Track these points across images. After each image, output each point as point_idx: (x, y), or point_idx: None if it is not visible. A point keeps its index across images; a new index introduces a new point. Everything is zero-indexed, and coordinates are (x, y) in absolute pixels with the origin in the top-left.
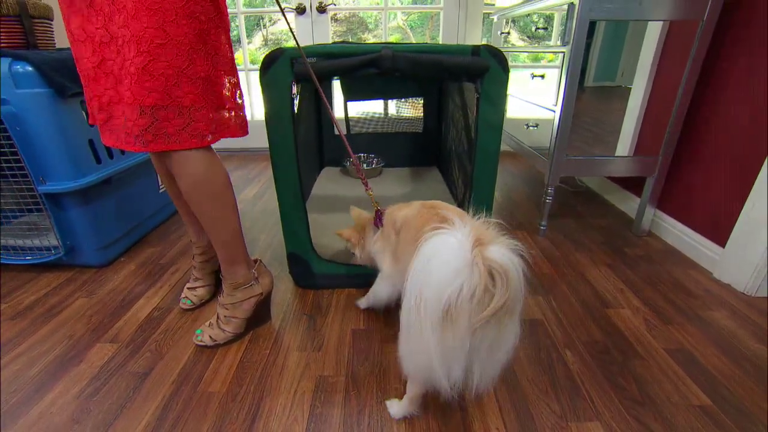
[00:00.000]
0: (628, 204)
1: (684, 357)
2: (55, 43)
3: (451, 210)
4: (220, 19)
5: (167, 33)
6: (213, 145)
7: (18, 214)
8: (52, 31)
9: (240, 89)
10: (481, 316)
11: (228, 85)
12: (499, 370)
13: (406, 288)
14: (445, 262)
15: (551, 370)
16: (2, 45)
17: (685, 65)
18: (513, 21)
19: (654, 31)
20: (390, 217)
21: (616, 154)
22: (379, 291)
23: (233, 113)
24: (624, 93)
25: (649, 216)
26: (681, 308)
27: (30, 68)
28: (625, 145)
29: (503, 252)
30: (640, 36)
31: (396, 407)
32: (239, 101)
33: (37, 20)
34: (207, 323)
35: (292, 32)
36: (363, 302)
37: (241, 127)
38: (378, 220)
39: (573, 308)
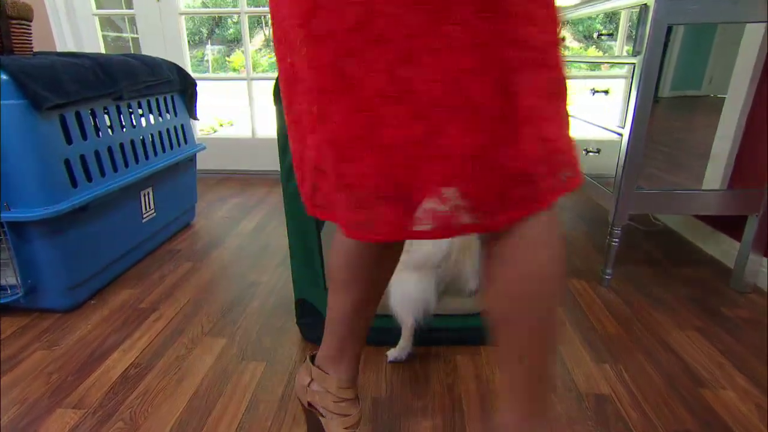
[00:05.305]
0: (724, 249)
1: None
2: (32, 48)
3: None
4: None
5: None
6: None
7: None
8: (30, 34)
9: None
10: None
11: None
12: None
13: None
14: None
15: None
16: None
17: None
18: (567, 24)
19: (755, 33)
20: None
21: (704, 187)
22: None
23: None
24: (714, 104)
25: (755, 266)
26: None
27: (5, 76)
28: (716, 173)
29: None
30: (737, 37)
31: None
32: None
33: (14, 21)
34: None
35: None
36: None
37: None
38: None
39: (653, 384)
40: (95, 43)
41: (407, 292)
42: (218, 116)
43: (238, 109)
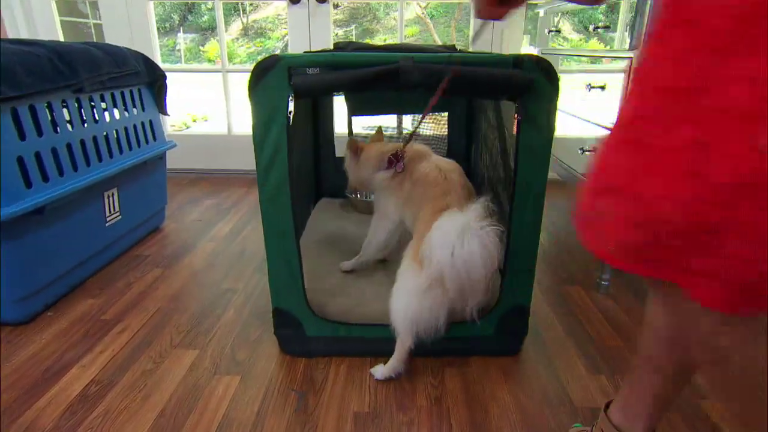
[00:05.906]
0: None
1: None
2: None
3: (454, 195)
4: None
5: None
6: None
7: None
8: None
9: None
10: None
11: None
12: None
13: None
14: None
15: None
16: None
17: None
18: (564, 14)
19: None
20: (408, 163)
21: None
22: (379, 233)
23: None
24: None
25: None
26: None
27: None
28: None
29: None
30: None
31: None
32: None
33: None
34: None
35: None
36: (349, 264)
37: None
38: (398, 163)
39: None
40: (52, 30)
41: (414, 307)
42: (191, 111)
43: (212, 103)
